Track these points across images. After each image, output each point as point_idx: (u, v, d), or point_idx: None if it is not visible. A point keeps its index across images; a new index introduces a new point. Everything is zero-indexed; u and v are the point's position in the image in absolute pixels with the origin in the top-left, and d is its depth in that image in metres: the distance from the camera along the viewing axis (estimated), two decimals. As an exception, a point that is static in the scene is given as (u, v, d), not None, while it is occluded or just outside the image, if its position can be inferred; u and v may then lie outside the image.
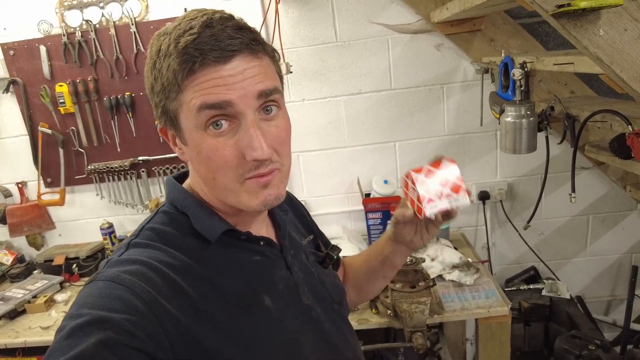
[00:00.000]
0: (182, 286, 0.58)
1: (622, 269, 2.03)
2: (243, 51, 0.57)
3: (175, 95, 0.58)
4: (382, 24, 1.78)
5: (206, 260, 0.63)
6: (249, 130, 0.57)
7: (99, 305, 0.52)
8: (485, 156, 1.91)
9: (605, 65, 0.92)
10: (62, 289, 1.90)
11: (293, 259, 0.76)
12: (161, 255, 0.60)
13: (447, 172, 0.77)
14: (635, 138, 1.13)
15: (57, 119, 1.94)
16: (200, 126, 0.58)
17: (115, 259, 0.60)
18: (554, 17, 0.90)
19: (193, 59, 0.55)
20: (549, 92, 1.77)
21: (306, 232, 0.89)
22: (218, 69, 0.55)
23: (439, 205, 0.76)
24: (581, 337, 1.32)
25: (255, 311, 0.64)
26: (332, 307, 0.80)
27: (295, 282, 0.73)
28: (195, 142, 0.59)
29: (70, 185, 2.05)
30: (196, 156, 0.61)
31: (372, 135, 1.91)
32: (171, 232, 0.65)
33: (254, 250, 0.69)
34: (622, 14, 0.88)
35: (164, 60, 0.57)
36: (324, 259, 0.86)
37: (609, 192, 1.93)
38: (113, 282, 0.55)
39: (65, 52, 1.85)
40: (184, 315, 0.56)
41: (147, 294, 0.54)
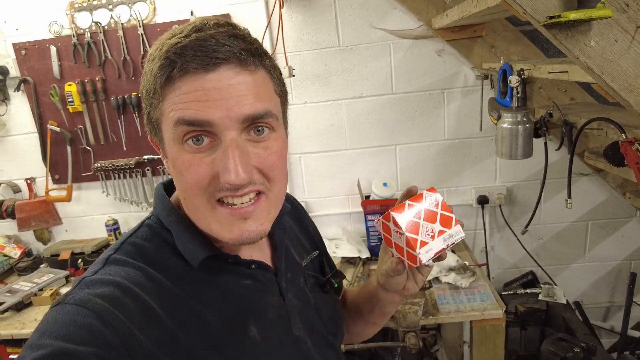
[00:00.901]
0: (159, 314, 0.53)
1: (621, 276, 2.03)
2: (230, 61, 0.51)
3: (157, 104, 0.53)
4: (384, 29, 1.81)
5: (189, 284, 0.57)
6: (226, 151, 0.51)
7: (64, 336, 0.46)
8: (484, 161, 1.93)
9: (596, 75, 0.94)
10: (67, 282, 1.95)
11: (288, 283, 0.69)
12: (139, 277, 0.54)
13: (432, 204, 0.65)
14: (628, 146, 1.14)
15: (66, 117, 1.99)
16: (177, 140, 0.52)
17: (89, 278, 0.54)
18: (546, 28, 0.92)
19: (172, 64, 0.50)
20: (548, 99, 1.79)
21: (311, 248, 0.82)
22: (199, 78, 0.50)
23: (435, 247, 0.64)
24: (567, 339, 1.34)
25: (239, 343, 0.59)
26: (326, 339, 0.73)
27: (287, 311, 0.66)
28: (172, 155, 0.54)
29: (77, 182, 2.10)
30: (172, 170, 0.56)
31: (373, 138, 1.94)
32: (153, 249, 0.58)
33: (243, 274, 0.63)
34: (612, 26, 0.90)
35: (149, 65, 0.53)
36: (324, 284, 0.78)
37: (609, 198, 1.94)
38: (82, 307, 0.48)
39: (74, 53, 1.90)
40: (159, 347, 0.51)
41: (119, 323, 0.48)
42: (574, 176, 1.88)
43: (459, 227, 0.66)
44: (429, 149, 1.93)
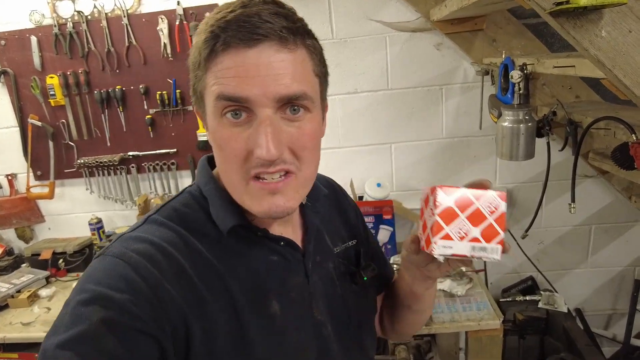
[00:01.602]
0: (189, 273, 0.56)
1: (625, 283, 1.95)
2: (271, 38, 0.51)
3: (201, 75, 0.55)
4: (380, 21, 1.72)
5: (219, 251, 0.60)
6: (259, 127, 0.53)
7: (104, 282, 0.51)
8: (484, 161, 1.84)
9: (607, 69, 0.86)
10: (47, 284, 1.87)
11: (315, 266, 0.69)
12: (174, 238, 0.58)
13: (487, 207, 0.56)
14: (638, 147, 1.06)
15: (48, 111, 1.91)
16: (217, 113, 0.55)
17: (127, 234, 0.58)
18: (552, 16, 0.83)
19: (215, 38, 0.52)
20: (552, 96, 1.70)
21: (348, 236, 0.79)
22: (240, 54, 0.51)
23: (457, 249, 0.56)
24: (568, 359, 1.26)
25: (260, 315, 0.60)
26: (348, 328, 0.72)
27: (310, 293, 0.67)
28: (212, 128, 0.57)
29: (60, 178, 2.02)
30: (212, 142, 0.58)
31: (368, 136, 1.85)
32: (191, 214, 0.62)
33: (272, 249, 0.64)
34: (626, 14, 0.82)
35: (196, 38, 0.55)
36: (354, 274, 0.75)
37: (613, 202, 1.85)
38: (119, 259, 0.53)
39: (56, 44, 1.82)
40: (187, 303, 0.54)
41: (151, 276, 0.53)
42: (579, 178, 1.80)
43: (499, 247, 0.56)
44: (426, 148, 1.85)
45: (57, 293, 1.81)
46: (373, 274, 0.75)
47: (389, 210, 1.70)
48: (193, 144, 1.91)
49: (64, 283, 1.89)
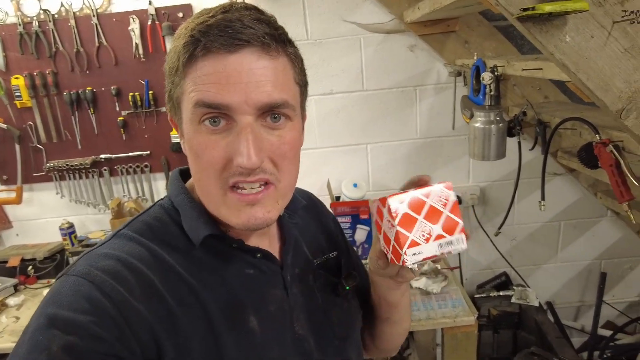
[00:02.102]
0: (159, 289, 0.53)
1: (592, 275, 2.03)
2: (253, 44, 0.50)
3: (178, 81, 0.54)
4: (354, 22, 1.73)
5: (192, 265, 0.57)
6: (240, 134, 0.51)
7: (65, 304, 0.49)
8: (457, 160, 1.88)
9: (571, 72, 0.89)
10: (16, 292, 1.81)
11: (294, 279, 0.66)
12: (143, 253, 0.55)
13: (439, 201, 0.56)
14: (602, 147, 1.10)
15: (13, 113, 1.84)
16: (195, 120, 0.53)
17: (93, 251, 0.56)
18: (520, 21, 0.86)
19: (196, 42, 0.50)
20: (522, 97, 1.75)
21: (329, 248, 0.77)
22: (221, 59, 0.50)
23: (426, 252, 0.55)
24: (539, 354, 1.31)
25: (237, 331, 0.57)
26: (332, 342, 0.69)
27: (290, 306, 0.64)
28: (189, 135, 0.55)
29: (29, 183, 1.95)
30: (188, 151, 0.56)
31: (344, 137, 1.86)
32: (161, 227, 0.59)
33: (248, 263, 0.62)
34: (588, 20, 0.85)
35: (175, 42, 0.54)
36: (335, 285, 0.73)
37: (581, 198, 1.92)
38: (83, 279, 0.51)
39: (21, 43, 1.75)
40: (156, 319, 0.51)
41: (117, 294, 0.50)
42: (548, 176, 1.86)
43: (462, 236, 0.57)
44: (401, 148, 1.87)
45: (26, 301, 1.75)
46: (355, 282, 0.73)
47: (365, 210, 1.72)
48: (167, 146, 1.88)
49: (33, 291, 1.82)
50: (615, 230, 1.96)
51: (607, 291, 1.99)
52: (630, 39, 0.85)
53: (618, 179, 1.06)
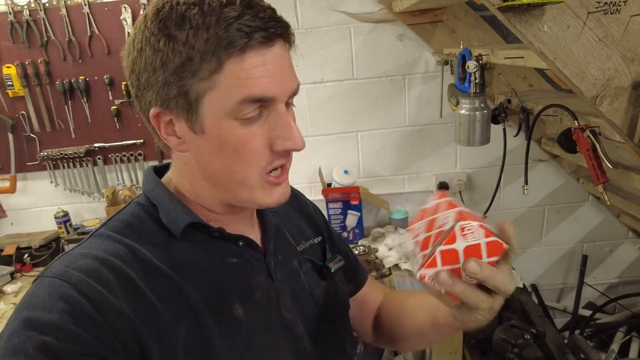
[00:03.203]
0: (139, 285, 0.53)
1: (574, 258, 2.10)
2: (282, 37, 0.53)
3: (208, 75, 0.50)
4: (344, 12, 1.76)
5: (171, 258, 0.57)
6: (282, 120, 0.54)
7: (40, 306, 0.48)
8: (445, 147, 1.93)
9: (549, 60, 0.93)
10: (12, 279, 1.83)
11: (278, 264, 0.67)
12: (120, 250, 0.55)
13: (469, 235, 0.52)
14: (580, 133, 1.15)
15: (6, 102, 1.85)
16: (231, 115, 0.52)
17: (69, 252, 0.55)
18: (501, 11, 0.90)
19: (244, 36, 0.49)
20: (507, 85, 1.80)
21: (312, 234, 0.78)
22: (263, 53, 0.51)
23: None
24: (519, 326, 1.37)
25: (223, 320, 0.57)
26: (322, 326, 0.69)
27: (276, 292, 0.64)
28: (222, 131, 0.53)
29: (22, 172, 1.97)
30: (215, 148, 0.54)
31: (335, 125, 1.90)
32: (138, 223, 0.59)
33: (230, 251, 0.62)
34: (565, 11, 0.89)
35: (197, 33, 0.49)
36: (321, 269, 0.74)
37: (564, 184, 1.98)
38: (59, 279, 0.50)
39: (12, 32, 1.76)
40: (138, 315, 0.51)
41: (94, 293, 0.49)
42: (532, 162, 1.91)
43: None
44: (391, 136, 1.92)
45: (23, 288, 1.78)
46: (340, 265, 0.75)
47: (356, 196, 1.77)
48: (160, 134, 1.90)
49: (30, 278, 1.85)
50: (597, 215, 2.03)
51: (589, 273, 2.06)
52: (604, 29, 0.90)
53: (594, 162, 1.12)
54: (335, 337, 0.72)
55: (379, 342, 0.88)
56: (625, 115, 0.97)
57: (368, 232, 1.85)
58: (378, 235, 1.79)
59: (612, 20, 0.89)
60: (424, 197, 0.65)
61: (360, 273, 0.88)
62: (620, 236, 2.07)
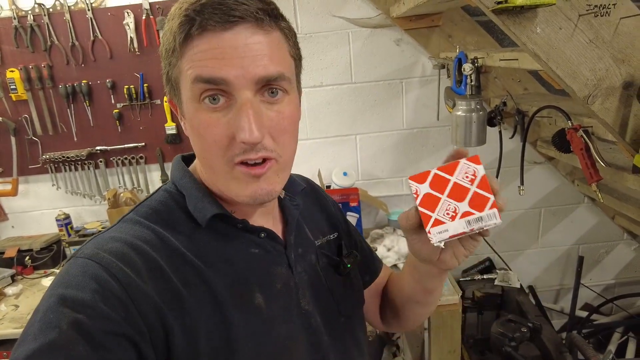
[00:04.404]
0: (165, 270, 0.54)
1: (570, 260, 2.13)
2: (247, 20, 0.51)
3: (175, 62, 0.54)
4: (343, 17, 1.80)
5: (196, 246, 0.59)
6: (240, 110, 0.52)
7: (74, 285, 0.50)
8: (442, 150, 1.96)
9: (543, 61, 0.97)
10: (13, 282, 1.84)
11: (298, 257, 0.68)
12: (149, 235, 0.56)
13: (465, 177, 0.55)
14: (573, 133, 1.18)
15: (9, 106, 1.87)
16: (195, 98, 0.54)
17: (100, 235, 0.57)
18: (495, 13, 0.93)
19: (191, 21, 0.51)
20: (503, 89, 1.83)
21: (329, 230, 0.79)
22: (217, 36, 0.51)
23: (452, 229, 0.55)
24: (516, 320, 1.40)
25: (244, 309, 0.58)
26: (338, 319, 0.71)
27: (296, 283, 0.65)
28: (190, 114, 0.55)
29: (24, 175, 1.98)
30: (191, 131, 0.57)
31: (334, 127, 1.93)
32: (165, 211, 0.60)
33: (252, 242, 0.63)
34: (557, 13, 0.92)
35: (169, 24, 0.54)
36: (337, 264, 0.75)
37: (560, 186, 2.01)
38: (90, 260, 0.52)
39: (16, 36, 1.79)
40: (163, 300, 0.52)
41: (123, 275, 0.51)
42: (528, 165, 1.95)
43: (494, 211, 0.54)
44: (389, 139, 1.95)
45: (24, 290, 1.79)
46: (356, 261, 0.75)
47: (355, 198, 1.79)
48: (161, 137, 1.93)
49: (31, 281, 1.86)
50: (592, 216, 2.06)
51: (585, 275, 2.09)
52: (594, 31, 0.93)
53: (588, 161, 1.15)
54: (350, 332, 0.73)
55: (389, 325, 0.89)
56: (617, 115, 1.00)
57: (367, 234, 1.87)
58: (377, 236, 1.81)
59: (603, 22, 0.93)
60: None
61: (376, 263, 0.88)
62: (616, 237, 2.10)
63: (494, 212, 0.55)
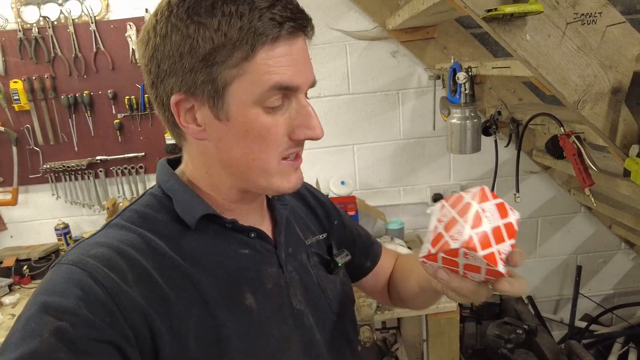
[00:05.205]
0: (152, 274, 0.54)
1: (569, 269, 2.13)
2: (307, 28, 0.56)
3: (238, 62, 0.52)
4: (340, 30, 1.84)
5: (184, 249, 0.58)
6: (303, 109, 0.57)
7: (56, 291, 0.49)
8: (439, 159, 1.98)
9: (533, 68, 0.99)
10: (10, 291, 1.84)
11: (289, 256, 0.68)
12: (135, 239, 0.56)
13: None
14: (565, 139, 1.21)
15: (11, 116, 1.90)
16: (259, 102, 0.54)
17: (85, 241, 0.57)
18: (486, 21, 0.96)
19: (277, 25, 0.51)
20: (498, 99, 1.87)
21: (318, 230, 0.79)
22: (291, 44, 0.53)
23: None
24: (511, 322, 1.40)
25: (234, 310, 0.58)
26: (330, 317, 0.71)
27: (287, 282, 0.66)
28: (247, 118, 0.54)
29: (24, 184, 2.00)
30: (239, 135, 0.56)
31: (332, 138, 1.95)
32: (152, 214, 0.60)
33: (242, 243, 0.63)
34: (545, 21, 0.95)
35: (229, 21, 0.51)
36: (328, 263, 0.76)
37: (556, 195, 2.03)
38: (74, 266, 0.51)
39: (20, 48, 1.82)
40: (150, 304, 0.52)
41: (108, 281, 0.50)
42: (525, 174, 1.96)
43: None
44: (386, 149, 1.97)
45: (21, 300, 1.78)
46: (347, 259, 0.77)
47: (352, 206, 1.80)
48: (161, 147, 1.95)
49: (28, 290, 1.86)
50: (589, 226, 2.07)
51: (584, 285, 2.09)
52: (582, 38, 0.96)
53: (580, 166, 1.17)
54: (341, 329, 0.73)
55: (396, 304, 0.92)
56: (606, 119, 1.02)
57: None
58: (374, 245, 1.82)
59: (590, 30, 0.96)
60: (419, 209, 0.66)
61: (375, 247, 0.89)
62: (614, 247, 2.10)
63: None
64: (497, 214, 0.52)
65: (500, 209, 0.53)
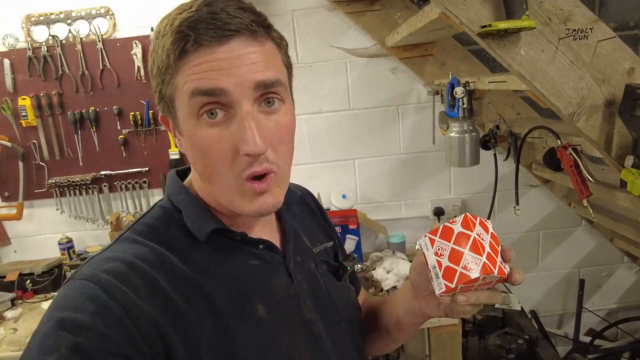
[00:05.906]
0: (164, 287, 0.54)
1: (572, 283, 2.12)
2: (242, 33, 0.52)
3: (169, 79, 0.54)
4: (340, 47, 1.88)
5: (195, 262, 0.59)
6: (242, 122, 0.52)
7: (71, 307, 0.49)
8: (439, 174, 2.00)
9: (528, 81, 1.02)
10: (13, 305, 1.84)
11: (297, 266, 0.68)
12: (146, 253, 0.56)
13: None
14: (563, 151, 1.23)
15: (19, 132, 1.94)
16: (193, 114, 0.53)
17: (98, 256, 0.57)
18: (481, 37, 0.99)
19: (186, 37, 0.51)
20: (497, 114, 1.89)
21: (325, 238, 0.80)
22: (213, 51, 0.51)
23: None
24: (512, 333, 1.39)
25: (246, 320, 0.59)
26: (339, 325, 0.71)
27: (297, 291, 0.66)
28: (189, 131, 0.55)
29: (30, 199, 2.02)
30: (190, 148, 0.56)
31: (332, 152, 1.98)
32: (162, 228, 0.60)
33: (251, 254, 0.63)
34: (538, 37, 0.99)
35: (160, 41, 0.54)
36: (337, 270, 0.76)
37: (556, 208, 2.04)
38: (88, 281, 0.52)
39: (29, 66, 1.87)
40: (163, 317, 0.52)
41: (122, 295, 0.51)
42: (525, 188, 1.98)
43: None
44: (386, 163, 1.99)
45: (23, 314, 1.79)
46: (355, 263, 0.80)
47: (354, 220, 1.81)
48: (165, 162, 1.98)
49: (31, 305, 1.86)
50: (591, 239, 2.07)
51: (587, 299, 2.07)
52: (574, 53, 0.99)
53: (578, 178, 1.18)
54: (351, 337, 0.74)
55: None
56: (601, 131, 1.04)
57: (366, 257, 1.89)
58: (376, 259, 1.83)
59: (582, 45, 0.99)
60: (420, 223, 0.67)
61: (357, 282, 0.90)
62: (616, 260, 2.10)
63: None
64: (485, 232, 0.59)
65: (482, 226, 0.59)
